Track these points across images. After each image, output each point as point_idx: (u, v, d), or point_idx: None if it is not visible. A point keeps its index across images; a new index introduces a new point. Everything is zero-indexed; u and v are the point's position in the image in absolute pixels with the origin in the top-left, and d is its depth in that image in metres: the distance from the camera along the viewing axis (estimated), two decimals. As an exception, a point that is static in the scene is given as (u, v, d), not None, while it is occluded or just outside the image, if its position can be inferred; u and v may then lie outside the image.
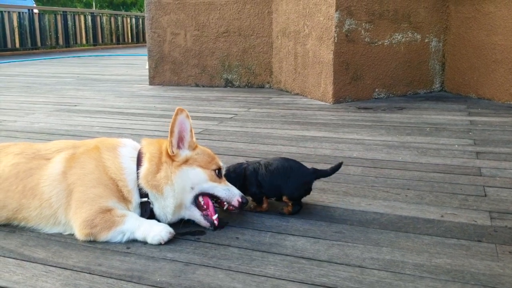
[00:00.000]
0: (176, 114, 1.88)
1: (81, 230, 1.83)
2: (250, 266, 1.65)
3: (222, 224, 1.97)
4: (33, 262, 1.70)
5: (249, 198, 2.10)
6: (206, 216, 1.93)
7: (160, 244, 1.81)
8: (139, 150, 1.98)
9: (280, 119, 4.27)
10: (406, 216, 2.07)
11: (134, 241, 1.84)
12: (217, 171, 1.98)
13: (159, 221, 1.91)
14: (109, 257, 1.73)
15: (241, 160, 2.51)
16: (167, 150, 1.92)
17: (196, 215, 1.95)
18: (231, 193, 1.96)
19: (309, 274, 1.60)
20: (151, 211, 1.92)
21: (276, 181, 2.06)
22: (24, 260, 1.71)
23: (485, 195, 2.31)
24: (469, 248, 1.77)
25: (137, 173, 1.91)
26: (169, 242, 1.82)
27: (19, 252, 1.77)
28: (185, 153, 1.94)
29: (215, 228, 1.93)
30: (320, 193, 2.36)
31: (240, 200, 1.95)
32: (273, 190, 2.09)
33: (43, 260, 1.71)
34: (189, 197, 1.93)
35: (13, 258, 1.73)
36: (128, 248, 1.79)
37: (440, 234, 1.89)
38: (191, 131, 1.94)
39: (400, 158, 2.96)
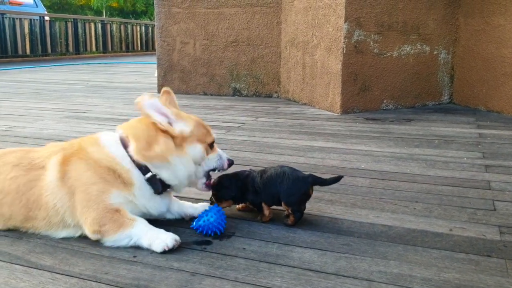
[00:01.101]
0: (142, 107, 1.90)
1: (90, 227, 1.84)
2: (257, 277, 1.64)
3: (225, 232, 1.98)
4: (40, 269, 1.70)
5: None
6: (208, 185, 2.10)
7: (164, 251, 1.80)
8: (120, 134, 1.98)
9: (288, 128, 4.27)
10: (415, 229, 2.06)
11: (140, 249, 1.84)
12: (212, 144, 2.06)
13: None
14: (116, 266, 1.72)
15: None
16: (159, 127, 1.91)
17: (199, 183, 2.08)
18: (221, 161, 2.09)
19: (316, 286, 1.58)
20: (162, 182, 1.94)
21: (271, 187, 2.06)
22: (31, 267, 1.71)
23: (495, 209, 2.29)
24: (478, 263, 1.75)
25: (127, 152, 1.91)
26: (175, 251, 1.82)
27: (26, 259, 1.77)
28: (178, 125, 1.95)
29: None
30: (327, 205, 2.35)
31: (228, 162, 2.12)
32: (270, 197, 2.08)
33: (50, 268, 1.71)
34: (202, 171, 2.04)
35: (20, 265, 1.73)
36: (134, 256, 1.79)
37: (448, 248, 1.88)
38: (164, 104, 1.95)
39: (408, 170, 2.94)
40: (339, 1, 4.83)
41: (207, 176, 2.09)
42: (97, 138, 2.00)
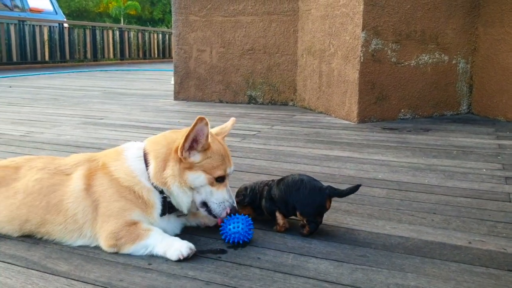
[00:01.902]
0: (195, 124, 1.86)
1: (107, 241, 1.86)
2: (271, 287, 1.63)
3: (242, 244, 1.96)
4: (55, 275, 1.70)
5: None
6: (209, 211, 1.98)
7: (179, 259, 1.79)
8: (144, 149, 1.98)
9: (304, 137, 4.25)
10: (432, 242, 2.02)
11: (155, 257, 1.84)
12: (219, 178, 1.95)
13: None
14: (131, 273, 1.72)
15: (263, 178, 2.51)
16: (176, 149, 1.90)
17: (201, 211, 2.01)
18: (221, 207, 1.96)
19: (332, 298, 1.56)
20: (170, 204, 1.95)
21: (287, 195, 2.04)
22: (47, 273, 1.72)
23: (515, 222, 2.24)
24: (498, 278, 1.71)
25: (148, 172, 1.92)
26: (190, 259, 1.81)
27: (42, 264, 1.78)
28: (193, 157, 1.90)
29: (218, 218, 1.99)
30: (344, 215, 2.32)
31: (228, 211, 1.96)
32: (285, 205, 2.06)
33: (66, 274, 1.72)
34: (198, 198, 1.95)
35: (37, 270, 1.74)
36: (149, 264, 1.79)
37: (467, 261, 1.84)
38: (207, 136, 1.90)
39: (426, 181, 2.90)
40: (356, 10, 4.82)
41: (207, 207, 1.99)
42: (121, 151, 2.01)
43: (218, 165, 1.94)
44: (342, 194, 2.05)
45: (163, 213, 1.96)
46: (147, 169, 1.93)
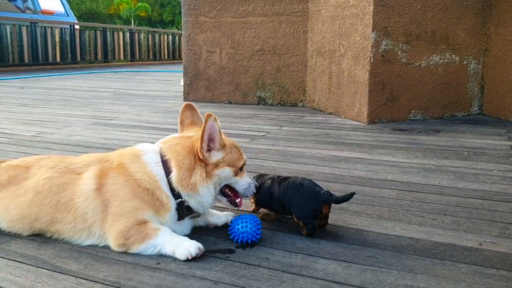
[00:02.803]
0: (206, 121, 1.90)
1: (116, 241, 1.86)
2: (280, 288, 1.62)
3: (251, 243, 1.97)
4: (65, 274, 1.71)
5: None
6: (232, 201, 2.08)
7: (188, 259, 1.80)
8: (161, 154, 1.99)
9: (313, 138, 4.23)
10: (443, 243, 2.00)
11: (164, 256, 1.84)
12: (242, 167, 2.07)
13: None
14: (139, 272, 1.72)
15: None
16: (197, 154, 1.94)
17: (223, 201, 2.09)
18: (248, 190, 2.09)
19: (340, 299, 1.55)
20: (187, 207, 1.98)
21: (284, 197, 2.07)
22: (57, 272, 1.73)
23: (527, 224, 2.22)
24: (509, 280, 1.69)
25: (168, 179, 1.94)
26: (199, 259, 1.81)
27: (52, 263, 1.79)
28: (215, 156, 1.97)
29: (239, 206, 2.11)
30: (353, 216, 2.31)
31: (254, 191, 2.12)
32: (281, 205, 2.10)
33: (75, 273, 1.72)
34: (218, 189, 2.04)
35: (46, 269, 1.75)
36: (158, 263, 1.79)
37: (478, 263, 1.82)
38: (219, 131, 1.97)
39: (436, 182, 2.88)
40: (366, 10, 4.80)
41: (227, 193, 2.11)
42: (138, 154, 2.01)
43: (238, 156, 2.05)
44: (337, 201, 2.04)
45: (180, 218, 1.97)
46: (166, 175, 1.94)
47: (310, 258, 1.85)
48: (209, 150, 1.96)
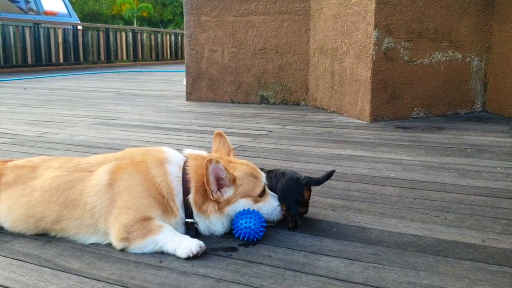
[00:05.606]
0: (206, 168, 1.90)
1: (118, 235, 1.86)
2: (282, 285, 1.62)
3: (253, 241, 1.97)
4: (68, 273, 1.72)
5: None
6: None
7: (189, 257, 1.80)
8: (184, 170, 2.00)
9: (316, 136, 4.23)
10: (445, 240, 2.00)
11: (166, 255, 1.84)
12: (260, 193, 2.04)
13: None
14: (142, 270, 1.73)
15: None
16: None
17: None
18: (273, 215, 2.07)
19: (343, 296, 1.55)
20: (196, 229, 1.99)
21: (272, 185, 2.17)
22: (60, 270, 1.74)
23: (530, 221, 2.21)
24: (513, 276, 1.68)
25: (185, 198, 1.95)
26: (201, 257, 1.82)
27: (55, 262, 1.80)
28: (227, 194, 1.98)
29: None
30: (355, 213, 2.31)
31: (280, 216, 2.09)
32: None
33: (78, 271, 1.73)
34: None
35: (49, 268, 1.76)
36: (161, 262, 1.80)
37: (481, 260, 1.81)
38: (225, 169, 1.94)
39: (439, 180, 2.87)
40: (368, 8, 4.79)
41: None
42: (164, 160, 2.02)
43: (253, 185, 2.03)
44: (318, 182, 2.13)
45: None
46: (183, 193, 1.96)
47: (312, 256, 1.85)
48: (220, 187, 1.96)
